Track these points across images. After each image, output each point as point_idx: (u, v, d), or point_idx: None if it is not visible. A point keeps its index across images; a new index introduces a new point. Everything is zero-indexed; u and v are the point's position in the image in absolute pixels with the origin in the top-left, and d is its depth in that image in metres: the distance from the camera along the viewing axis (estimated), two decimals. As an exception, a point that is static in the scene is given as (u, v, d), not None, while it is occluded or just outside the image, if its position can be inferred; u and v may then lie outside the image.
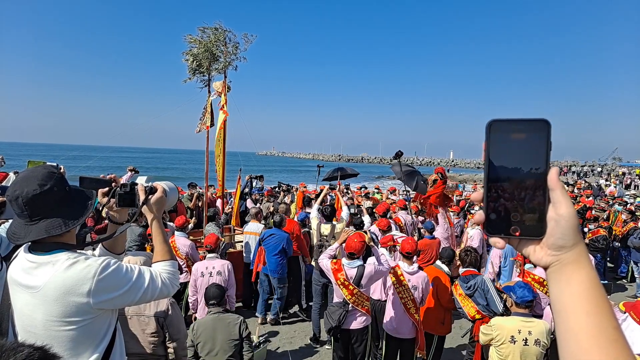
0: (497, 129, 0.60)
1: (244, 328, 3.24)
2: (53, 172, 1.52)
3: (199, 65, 6.93)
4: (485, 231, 0.62)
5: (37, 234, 1.46)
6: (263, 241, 5.85)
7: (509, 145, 0.59)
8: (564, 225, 0.57)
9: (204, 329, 3.22)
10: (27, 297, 1.48)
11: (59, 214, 1.50)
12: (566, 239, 0.57)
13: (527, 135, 0.59)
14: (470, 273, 4.10)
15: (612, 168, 51.60)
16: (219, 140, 6.89)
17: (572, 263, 0.57)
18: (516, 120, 0.59)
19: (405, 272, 4.11)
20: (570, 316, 0.56)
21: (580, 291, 0.56)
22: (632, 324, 2.86)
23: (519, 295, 3.22)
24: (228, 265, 4.66)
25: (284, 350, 5.19)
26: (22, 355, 0.88)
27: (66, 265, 1.45)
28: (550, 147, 0.58)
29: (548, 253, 0.59)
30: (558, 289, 0.58)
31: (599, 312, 0.55)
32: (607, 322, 0.54)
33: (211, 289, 3.40)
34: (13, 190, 1.47)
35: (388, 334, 4.19)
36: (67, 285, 1.43)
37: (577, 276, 0.57)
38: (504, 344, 3.12)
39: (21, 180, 1.48)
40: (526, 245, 0.61)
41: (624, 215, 9.18)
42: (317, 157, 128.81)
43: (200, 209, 8.55)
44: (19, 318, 1.52)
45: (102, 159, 11.19)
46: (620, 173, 36.35)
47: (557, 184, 0.57)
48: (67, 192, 1.55)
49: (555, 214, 0.57)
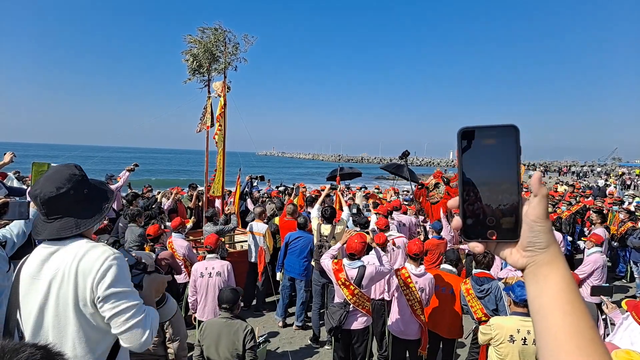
0: (467, 136, 0.62)
1: (249, 339, 3.16)
2: (74, 174, 1.60)
3: (199, 65, 6.95)
4: (463, 236, 0.63)
5: (50, 234, 1.55)
6: (289, 245, 5.82)
7: (480, 151, 0.61)
8: (538, 229, 0.59)
9: (210, 332, 3.21)
10: (42, 287, 1.52)
11: (74, 216, 1.58)
12: (539, 241, 0.59)
13: (497, 140, 0.60)
14: (484, 275, 4.05)
15: (612, 168, 51.58)
16: (219, 131, 6.87)
17: (547, 264, 0.59)
18: (486, 127, 0.61)
19: (413, 274, 4.09)
20: (549, 316, 0.57)
21: (557, 291, 0.58)
22: (633, 323, 2.85)
23: (517, 294, 3.22)
24: (228, 265, 4.65)
25: (284, 350, 5.19)
26: (24, 355, 0.88)
27: (84, 250, 1.53)
28: (519, 152, 0.60)
29: (524, 255, 0.61)
30: (535, 289, 0.60)
31: (576, 311, 0.56)
32: (584, 322, 0.56)
33: (225, 293, 3.32)
34: (34, 189, 1.58)
35: (394, 336, 4.16)
36: (83, 268, 1.50)
37: (553, 277, 0.58)
38: (503, 344, 3.12)
39: (44, 180, 1.58)
40: (503, 249, 0.63)
41: (621, 215, 9.19)
42: (317, 157, 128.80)
43: (200, 209, 8.56)
44: (30, 314, 1.53)
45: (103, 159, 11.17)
46: (620, 173, 36.37)
47: (538, 188, 0.59)
48: (85, 194, 1.62)
49: (527, 217, 0.59)
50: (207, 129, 7.19)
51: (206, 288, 4.55)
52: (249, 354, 3.16)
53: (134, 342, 1.53)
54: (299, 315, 5.88)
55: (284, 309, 5.98)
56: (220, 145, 7.07)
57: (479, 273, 4.09)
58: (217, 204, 8.08)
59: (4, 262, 2.41)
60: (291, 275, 5.86)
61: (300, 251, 5.78)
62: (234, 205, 8.09)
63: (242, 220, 8.46)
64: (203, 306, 4.58)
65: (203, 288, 4.56)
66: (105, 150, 52.38)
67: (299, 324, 5.86)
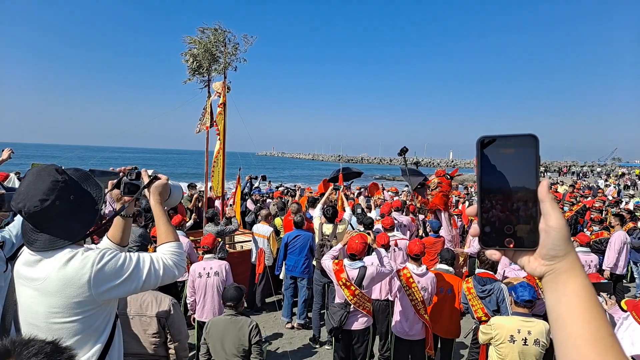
0: (487, 145, 0.62)
1: (254, 334, 3.16)
2: (56, 181, 1.49)
3: (199, 66, 6.94)
4: (481, 244, 0.64)
5: (42, 246, 1.50)
6: (289, 244, 5.81)
7: (499, 160, 0.62)
8: (555, 236, 0.59)
9: (215, 330, 3.21)
10: (29, 290, 1.51)
11: (61, 227, 1.51)
12: (558, 249, 0.59)
13: (516, 150, 0.61)
14: (487, 276, 4.04)
15: (612, 168, 51.60)
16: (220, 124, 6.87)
17: (565, 272, 0.59)
18: (505, 136, 0.62)
19: (414, 274, 4.09)
20: (568, 324, 0.57)
21: (576, 299, 0.58)
22: (633, 323, 2.85)
23: (518, 295, 3.22)
24: (225, 265, 4.65)
25: (284, 350, 5.20)
26: (34, 349, 0.91)
27: (66, 258, 1.48)
28: (539, 161, 0.60)
29: (542, 263, 0.61)
30: (554, 297, 0.60)
31: (595, 319, 0.56)
32: (604, 330, 0.56)
33: (229, 290, 3.33)
34: (17, 202, 1.49)
35: (397, 337, 4.16)
36: (68, 277, 1.46)
37: (572, 285, 0.59)
38: (503, 344, 3.12)
39: (25, 191, 1.49)
40: (521, 256, 0.63)
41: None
42: (317, 158, 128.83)
43: (200, 209, 8.56)
44: (22, 311, 1.55)
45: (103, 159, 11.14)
46: (620, 173, 36.37)
47: (546, 196, 0.59)
48: (71, 201, 1.52)
49: (546, 226, 0.59)
50: (206, 130, 7.18)
51: (204, 288, 4.54)
52: (255, 348, 3.15)
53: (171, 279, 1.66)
54: (300, 314, 5.88)
55: (289, 310, 5.97)
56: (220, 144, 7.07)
57: (482, 273, 4.09)
58: (217, 204, 8.09)
59: (2, 263, 2.40)
60: (293, 275, 5.86)
61: (300, 249, 5.78)
62: (236, 205, 8.09)
63: (242, 220, 8.47)
64: (202, 306, 4.57)
65: (201, 288, 4.55)
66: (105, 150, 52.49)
67: (301, 321, 5.86)
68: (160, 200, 1.75)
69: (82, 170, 1.69)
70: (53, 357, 0.93)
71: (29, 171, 1.56)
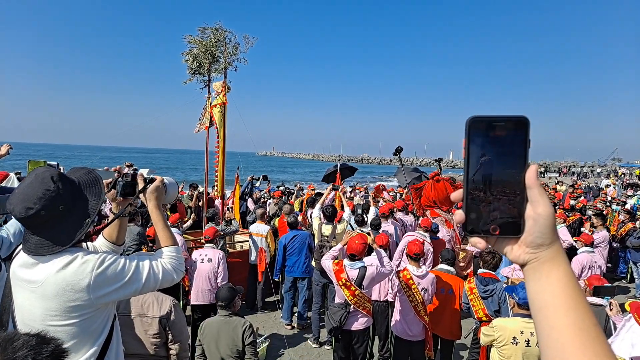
0: (476, 126, 0.59)
1: (248, 334, 3.14)
2: (47, 190, 1.44)
3: (200, 65, 6.94)
4: (466, 231, 0.61)
5: (33, 249, 1.49)
6: (287, 245, 5.81)
7: (488, 142, 0.59)
8: (543, 224, 0.57)
9: (209, 331, 3.20)
10: (26, 292, 1.50)
11: (48, 235, 1.48)
12: (544, 237, 0.58)
13: (507, 132, 0.58)
14: (489, 276, 4.03)
15: (612, 169, 51.60)
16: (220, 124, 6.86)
17: (549, 260, 0.58)
18: (496, 117, 0.59)
19: (414, 275, 4.08)
20: (552, 313, 0.56)
21: (561, 288, 0.56)
22: (634, 325, 2.84)
23: (520, 297, 3.21)
24: (220, 254, 4.93)
25: (284, 350, 5.19)
26: (19, 342, 0.92)
27: (65, 262, 1.47)
28: (529, 145, 0.58)
29: (526, 251, 0.59)
30: (538, 286, 0.58)
31: (579, 308, 0.55)
32: (588, 320, 0.55)
33: (221, 290, 3.32)
34: (9, 204, 1.48)
35: (397, 337, 4.15)
36: (67, 281, 1.45)
37: (556, 273, 0.57)
38: (506, 345, 3.11)
39: (18, 194, 1.47)
40: (504, 244, 0.61)
41: (621, 215, 9.18)
42: (317, 158, 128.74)
43: (200, 209, 8.55)
44: (19, 311, 1.55)
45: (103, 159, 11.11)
46: (620, 173, 36.36)
47: (534, 182, 0.58)
48: (60, 212, 1.47)
49: (534, 213, 0.58)
50: (206, 129, 7.18)
51: (198, 273, 4.90)
52: (249, 349, 3.14)
53: (170, 281, 1.66)
54: (301, 314, 5.87)
55: (289, 312, 5.96)
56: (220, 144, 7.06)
57: (484, 273, 4.09)
58: (217, 204, 8.07)
59: None
60: (294, 275, 5.85)
61: (299, 249, 5.77)
62: (234, 206, 8.07)
63: (243, 220, 8.45)
64: (196, 291, 4.91)
65: (195, 273, 4.91)
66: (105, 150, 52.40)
67: (302, 321, 5.85)
68: (157, 204, 1.74)
69: (95, 173, 1.64)
70: (38, 348, 0.93)
71: (31, 172, 1.56)
